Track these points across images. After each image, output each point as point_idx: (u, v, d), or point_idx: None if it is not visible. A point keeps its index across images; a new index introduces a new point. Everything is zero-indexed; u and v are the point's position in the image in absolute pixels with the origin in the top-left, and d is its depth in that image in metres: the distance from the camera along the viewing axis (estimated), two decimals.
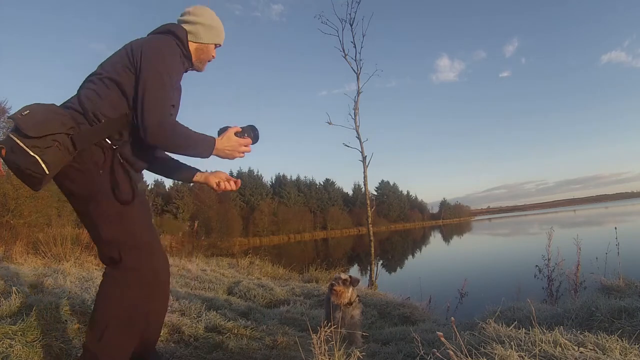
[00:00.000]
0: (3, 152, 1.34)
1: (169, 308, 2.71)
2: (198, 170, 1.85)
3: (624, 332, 1.64)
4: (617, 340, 1.42)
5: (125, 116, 1.49)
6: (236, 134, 1.61)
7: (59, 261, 5.64)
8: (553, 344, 1.40)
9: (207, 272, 6.15)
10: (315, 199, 60.49)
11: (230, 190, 1.84)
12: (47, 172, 1.34)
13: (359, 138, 7.72)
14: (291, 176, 61.44)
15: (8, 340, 1.84)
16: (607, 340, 1.42)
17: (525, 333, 1.53)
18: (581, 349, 1.36)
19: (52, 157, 1.35)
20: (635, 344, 1.41)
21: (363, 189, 8.91)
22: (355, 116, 7.79)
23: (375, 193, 69.13)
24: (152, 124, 1.41)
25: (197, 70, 1.80)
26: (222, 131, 1.63)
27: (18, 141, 1.31)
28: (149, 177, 58.99)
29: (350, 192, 66.69)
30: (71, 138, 1.39)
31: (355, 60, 7.88)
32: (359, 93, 7.86)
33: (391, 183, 74.02)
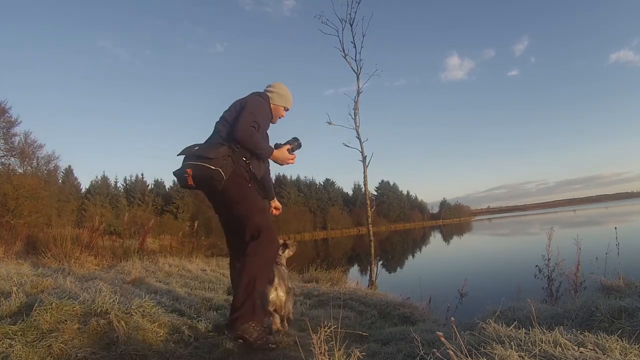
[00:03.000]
0: (190, 171, 2.20)
1: (168, 308, 2.72)
2: (274, 196, 2.83)
3: (624, 332, 1.63)
4: (617, 340, 1.42)
5: None
6: (288, 150, 2.52)
7: (59, 261, 5.64)
8: (553, 344, 1.40)
9: (207, 272, 6.15)
10: (315, 199, 60.45)
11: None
12: (225, 177, 2.22)
13: (359, 138, 7.71)
14: (291, 176, 61.46)
15: (8, 340, 1.84)
16: (607, 340, 1.42)
17: (525, 333, 1.53)
18: (581, 349, 1.36)
19: (226, 168, 2.24)
20: (635, 344, 1.41)
21: (363, 189, 8.91)
22: (355, 116, 7.78)
23: (375, 193, 69.13)
24: (241, 129, 2.28)
25: (272, 123, 2.64)
26: (277, 146, 2.52)
27: (205, 163, 2.19)
28: (149, 177, 58.98)
29: (350, 192, 66.70)
30: (231, 158, 2.28)
31: (355, 60, 7.87)
32: (359, 93, 7.85)
33: (391, 183, 74.05)
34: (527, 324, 1.66)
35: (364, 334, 2.44)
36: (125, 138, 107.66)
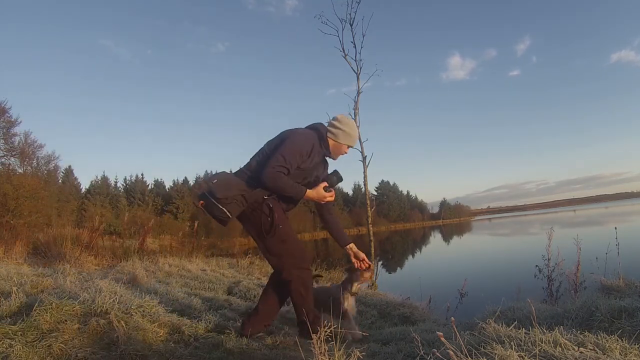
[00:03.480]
0: (202, 203, 2.33)
1: (168, 308, 2.71)
2: (352, 242, 2.79)
3: (624, 332, 1.64)
4: (617, 340, 1.42)
5: None
6: (325, 188, 2.49)
7: (59, 261, 5.64)
8: (553, 344, 1.40)
9: (207, 272, 6.15)
10: None
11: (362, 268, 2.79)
12: (230, 217, 2.32)
13: (359, 138, 7.70)
14: None
15: (8, 340, 1.84)
16: (607, 340, 1.42)
17: (525, 333, 1.53)
18: (581, 349, 1.36)
19: (233, 208, 2.32)
20: (635, 344, 1.41)
21: (363, 189, 8.92)
22: (355, 116, 7.79)
23: (375, 193, 69.12)
24: (266, 173, 2.29)
25: (332, 158, 2.65)
26: (321, 182, 2.51)
27: (213, 200, 2.29)
28: (149, 177, 58.99)
29: (350, 192, 66.66)
30: (243, 196, 2.33)
31: (355, 60, 7.89)
32: (359, 93, 7.86)
33: (391, 183, 74.01)
34: (527, 324, 1.66)
35: (364, 334, 2.44)
36: (125, 138, 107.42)
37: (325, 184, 2.50)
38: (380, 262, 10.60)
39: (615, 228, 3.95)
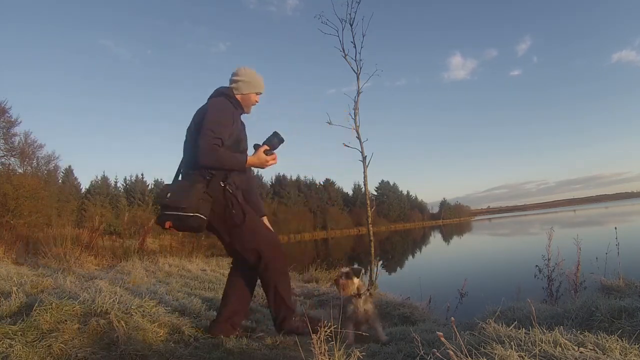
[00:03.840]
0: (171, 224, 2.16)
1: (168, 308, 2.71)
2: (264, 213, 2.63)
3: (624, 332, 1.63)
4: (617, 340, 1.42)
5: None
6: (265, 151, 2.32)
7: (59, 261, 5.63)
8: (553, 344, 1.40)
9: (207, 272, 6.15)
10: (315, 199, 60.45)
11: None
12: (205, 218, 2.18)
13: (359, 138, 7.70)
14: (291, 176, 61.50)
15: (8, 340, 1.84)
16: (607, 340, 1.42)
17: (525, 333, 1.53)
18: (581, 349, 1.36)
19: (205, 209, 2.18)
20: (635, 344, 1.41)
21: (363, 189, 8.90)
22: (355, 116, 7.77)
23: (375, 193, 69.11)
24: (201, 152, 2.16)
25: (246, 113, 2.51)
26: (256, 146, 2.35)
27: (181, 214, 2.13)
28: (149, 177, 58.96)
29: (350, 192, 66.68)
30: (206, 192, 2.19)
31: (355, 60, 7.86)
32: (359, 93, 7.83)
33: (391, 183, 74.04)
34: (527, 324, 1.66)
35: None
36: (125, 138, 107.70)
37: (265, 147, 2.33)
38: (380, 262, 10.60)
39: (615, 228, 3.95)
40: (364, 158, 7.71)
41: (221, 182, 2.26)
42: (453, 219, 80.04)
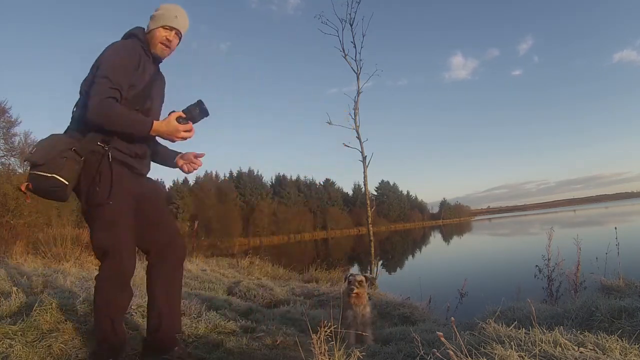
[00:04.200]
0: (30, 185, 1.65)
1: None
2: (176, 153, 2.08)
3: (624, 332, 1.63)
4: (617, 340, 1.42)
5: None
6: (178, 119, 1.78)
7: (59, 261, 5.64)
8: (553, 344, 1.40)
9: (207, 272, 6.16)
10: (315, 199, 60.47)
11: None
12: (66, 183, 1.66)
13: (359, 138, 7.73)
14: (291, 176, 61.53)
15: (8, 340, 1.84)
16: (607, 340, 1.42)
17: (525, 333, 1.53)
18: (581, 349, 1.36)
19: (68, 171, 1.66)
20: (635, 344, 1.41)
21: (363, 189, 8.91)
22: (355, 116, 7.79)
23: (375, 193, 69.14)
24: (91, 105, 1.66)
25: (160, 56, 1.94)
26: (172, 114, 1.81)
27: (36, 172, 1.64)
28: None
29: (350, 192, 66.70)
30: (75, 150, 1.68)
31: (355, 60, 7.90)
32: (359, 93, 7.88)
33: (391, 183, 74.10)
34: (527, 324, 1.66)
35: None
36: None
37: (180, 113, 1.78)
38: (380, 262, 10.61)
39: (615, 228, 3.95)
40: (364, 158, 7.72)
41: (99, 142, 1.73)
42: (453, 219, 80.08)
